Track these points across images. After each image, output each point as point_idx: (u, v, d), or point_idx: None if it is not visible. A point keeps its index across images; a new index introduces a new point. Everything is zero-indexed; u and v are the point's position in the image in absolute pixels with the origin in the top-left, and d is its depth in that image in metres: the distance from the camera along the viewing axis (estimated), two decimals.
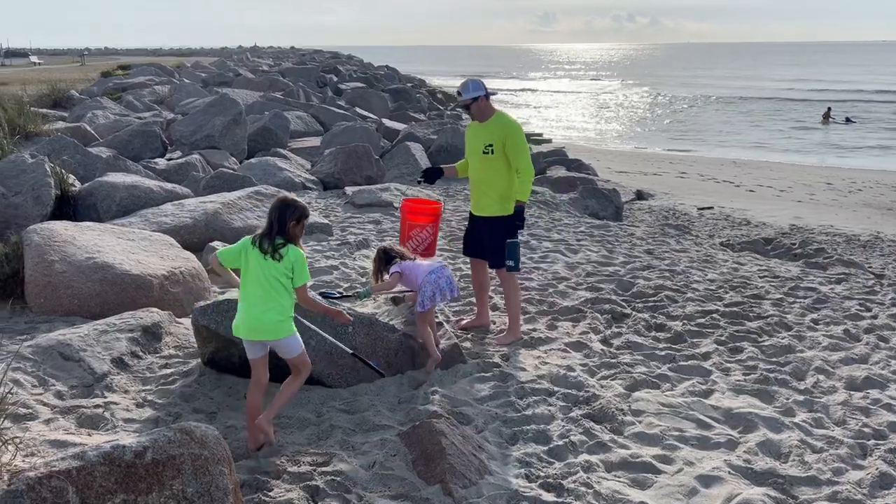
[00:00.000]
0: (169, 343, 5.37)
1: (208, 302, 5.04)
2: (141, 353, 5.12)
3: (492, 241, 5.85)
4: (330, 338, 4.65)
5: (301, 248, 4.04)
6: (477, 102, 5.77)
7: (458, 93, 5.84)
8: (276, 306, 3.95)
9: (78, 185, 9.35)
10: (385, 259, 5.42)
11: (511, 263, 5.81)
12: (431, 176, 6.20)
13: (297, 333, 4.10)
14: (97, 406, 4.34)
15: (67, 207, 8.74)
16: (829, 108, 39.97)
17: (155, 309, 5.61)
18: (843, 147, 29.28)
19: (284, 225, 3.95)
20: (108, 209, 8.76)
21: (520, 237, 5.90)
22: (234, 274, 4.20)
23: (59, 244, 6.15)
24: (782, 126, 37.02)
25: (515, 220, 5.77)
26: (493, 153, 5.71)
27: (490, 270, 6.10)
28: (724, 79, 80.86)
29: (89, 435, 3.89)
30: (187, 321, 5.53)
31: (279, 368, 4.27)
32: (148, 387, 4.76)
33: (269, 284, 3.93)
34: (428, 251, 6.01)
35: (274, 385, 4.22)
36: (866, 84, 63.90)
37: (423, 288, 5.11)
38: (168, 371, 4.99)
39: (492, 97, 5.84)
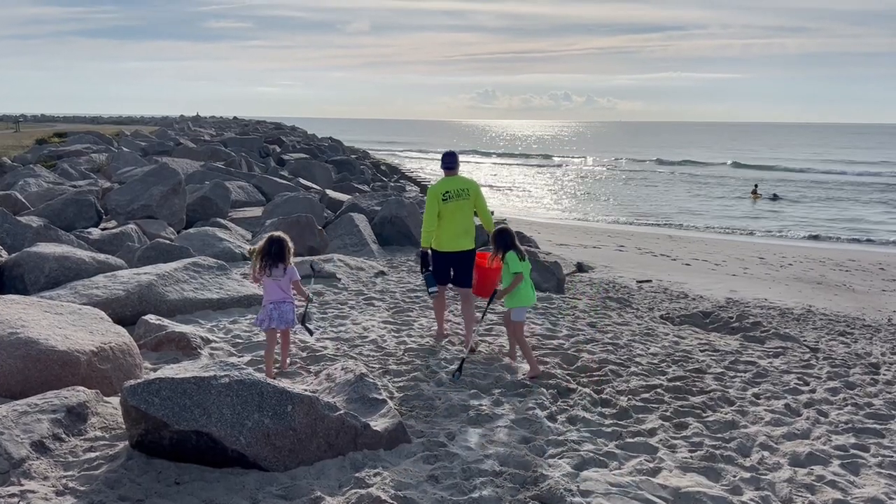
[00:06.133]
0: (95, 424, 5.06)
1: (139, 381, 4.78)
2: (64, 436, 4.80)
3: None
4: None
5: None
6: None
7: None
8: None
9: (5, 255, 8.98)
10: (270, 256, 6.63)
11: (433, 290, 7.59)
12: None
13: None
14: (12, 495, 4.02)
15: None
16: (756, 185, 41.91)
17: (81, 387, 5.29)
18: (773, 222, 30.47)
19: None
20: (35, 281, 8.40)
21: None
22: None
23: None
24: (714, 202, 38.42)
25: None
26: None
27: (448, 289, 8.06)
28: (656, 156, 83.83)
29: None
30: (116, 400, 5.24)
31: (212, 449, 4.02)
32: (70, 472, 4.45)
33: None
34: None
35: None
36: (786, 162, 67.28)
37: (261, 311, 6.56)
38: (93, 455, 4.68)
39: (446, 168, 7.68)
